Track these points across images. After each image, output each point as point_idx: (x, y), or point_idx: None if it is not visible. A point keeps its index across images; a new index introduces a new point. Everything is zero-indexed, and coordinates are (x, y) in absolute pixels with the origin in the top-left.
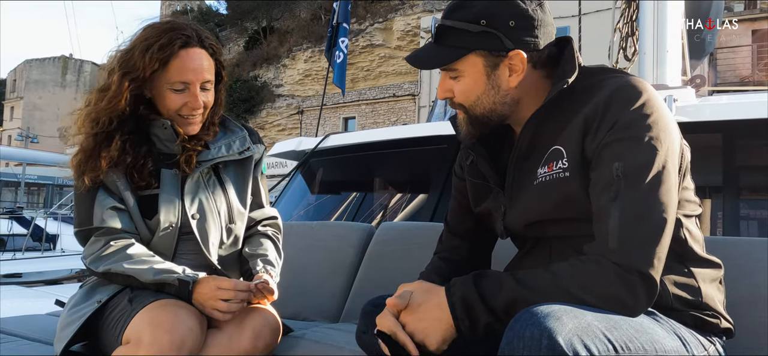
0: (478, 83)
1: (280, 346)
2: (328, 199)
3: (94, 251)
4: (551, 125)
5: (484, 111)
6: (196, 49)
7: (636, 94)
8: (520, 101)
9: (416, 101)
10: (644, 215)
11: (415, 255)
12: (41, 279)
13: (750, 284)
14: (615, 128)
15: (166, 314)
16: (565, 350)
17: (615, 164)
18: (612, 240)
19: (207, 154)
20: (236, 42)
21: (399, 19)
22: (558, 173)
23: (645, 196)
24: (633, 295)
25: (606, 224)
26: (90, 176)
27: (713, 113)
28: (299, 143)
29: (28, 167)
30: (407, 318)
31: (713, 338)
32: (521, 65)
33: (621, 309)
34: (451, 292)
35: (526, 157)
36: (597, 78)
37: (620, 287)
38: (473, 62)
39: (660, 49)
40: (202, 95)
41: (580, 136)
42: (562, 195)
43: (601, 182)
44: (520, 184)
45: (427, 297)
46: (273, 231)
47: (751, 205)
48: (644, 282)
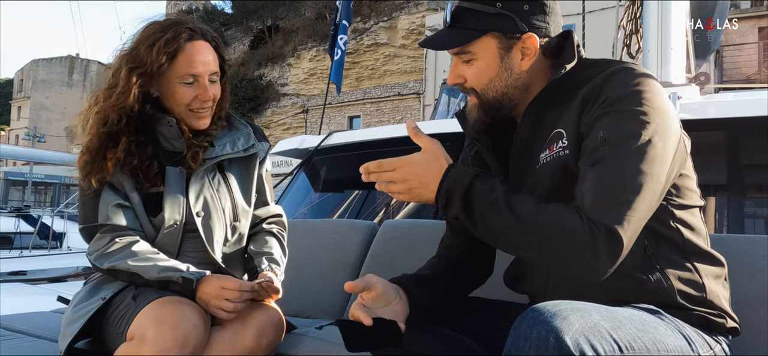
0: (492, 66)
1: (284, 344)
2: (331, 197)
3: (99, 247)
4: (552, 112)
5: (496, 94)
6: (201, 42)
7: (632, 75)
8: (529, 87)
9: (421, 99)
10: (621, 179)
11: (418, 253)
12: (46, 276)
13: (755, 282)
14: (606, 102)
15: (170, 311)
16: (572, 350)
17: (600, 132)
18: (587, 198)
19: (212, 151)
20: (241, 41)
21: (404, 17)
22: (558, 153)
23: (624, 162)
24: (595, 253)
25: (583, 184)
26: (97, 177)
27: (718, 111)
28: (302, 141)
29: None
30: (402, 164)
31: (719, 337)
32: (533, 49)
33: (581, 263)
34: (447, 174)
35: (528, 144)
36: (598, 68)
37: (585, 236)
38: (488, 44)
39: (664, 47)
40: (210, 88)
41: (578, 115)
42: (564, 173)
43: (586, 151)
44: (523, 171)
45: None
46: (278, 229)
47: (757, 203)
48: (610, 239)
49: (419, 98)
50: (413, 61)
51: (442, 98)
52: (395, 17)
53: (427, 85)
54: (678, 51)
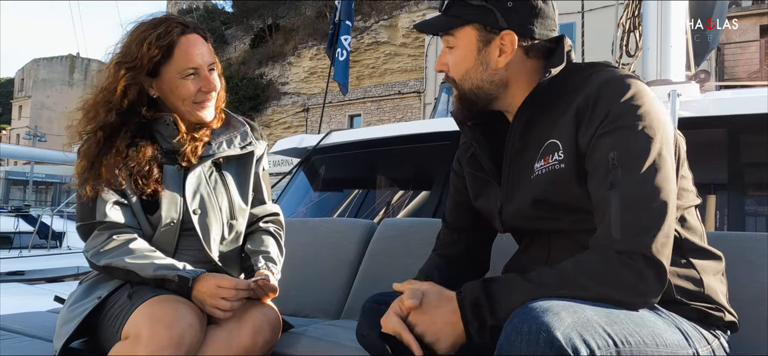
0: (468, 57)
1: (281, 343)
2: (330, 196)
3: (96, 245)
4: (545, 119)
5: (471, 87)
6: (194, 34)
7: (625, 86)
8: (508, 85)
9: (421, 98)
10: (644, 201)
11: (416, 252)
12: (44, 276)
13: (755, 280)
14: (607, 119)
15: (165, 309)
16: (563, 345)
17: (610, 153)
18: (615, 230)
19: (209, 149)
20: (242, 40)
21: (404, 16)
22: (554, 165)
23: (643, 183)
24: (642, 280)
25: (606, 214)
26: (91, 184)
27: (717, 108)
28: (301, 140)
29: (36, 166)
30: (418, 318)
31: (717, 332)
32: (511, 47)
33: (633, 297)
34: (462, 296)
35: (522, 152)
36: (586, 73)
37: (628, 274)
38: (468, 34)
39: (663, 45)
40: (212, 77)
41: (574, 128)
42: (558, 187)
43: (598, 174)
44: (517, 179)
45: (439, 300)
46: (275, 228)
47: (757, 201)
48: (651, 266)
49: (420, 96)
50: (414, 60)
51: (441, 96)
52: (396, 16)
53: (427, 83)
54: (678, 49)
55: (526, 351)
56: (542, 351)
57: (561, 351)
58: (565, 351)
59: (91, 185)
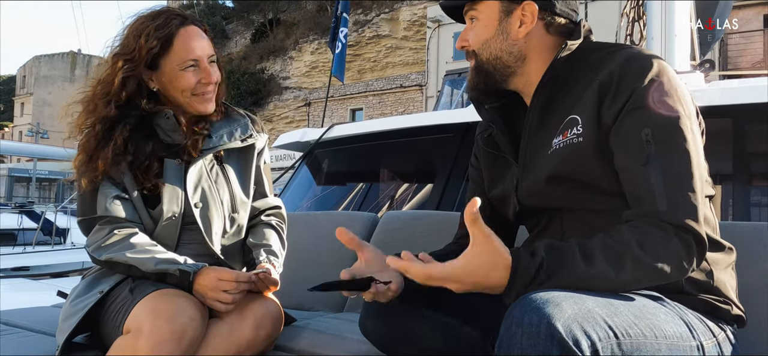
0: (489, 27)
1: (283, 336)
2: (333, 190)
3: (98, 239)
4: (565, 96)
5: (489, 57)
6: (193, 27)
7: (649, 63)
8: (526, 59)
9: (423, 91)
10: (684, 177)
11: (419, 244)
12: (48, 272)
13: (760, 269)
14: (634, 97)
15: (166, 303)
16: (564, 336)
17: (643, 130)
18: (660, 202)
19: (210, 142)
20: (243, 35)
21: (405, 9)
22: (572, 139)
23: (681, 158)
24: (689, 254)
25: (646, 187)
26: (88, 177)
27: (722, 98)
28: (303, 134)
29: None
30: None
31: (724, 325)
32: (532, 17)
33: (680, 272)
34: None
35: (541, 128)
36: (608, 50)
37: (681, 248)
38: (491, 6)
39: (668, 34)
40: (212, 69)
41: (596, 102)
42: (575, 161)
43: (629, 150)
44: (534, 155)
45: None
46: (277, 221)
47: (762, 191)
48: (698, 242)
49: (421, 89)
50: (415, 53)
51: (444, 89)
52: (397, 9)
53: (429, 76)
54: (682, 38)
55: (526, 343)
56: (543, 342)
57: (562, 342)
58: (565, 343)
59: (88, 178)
